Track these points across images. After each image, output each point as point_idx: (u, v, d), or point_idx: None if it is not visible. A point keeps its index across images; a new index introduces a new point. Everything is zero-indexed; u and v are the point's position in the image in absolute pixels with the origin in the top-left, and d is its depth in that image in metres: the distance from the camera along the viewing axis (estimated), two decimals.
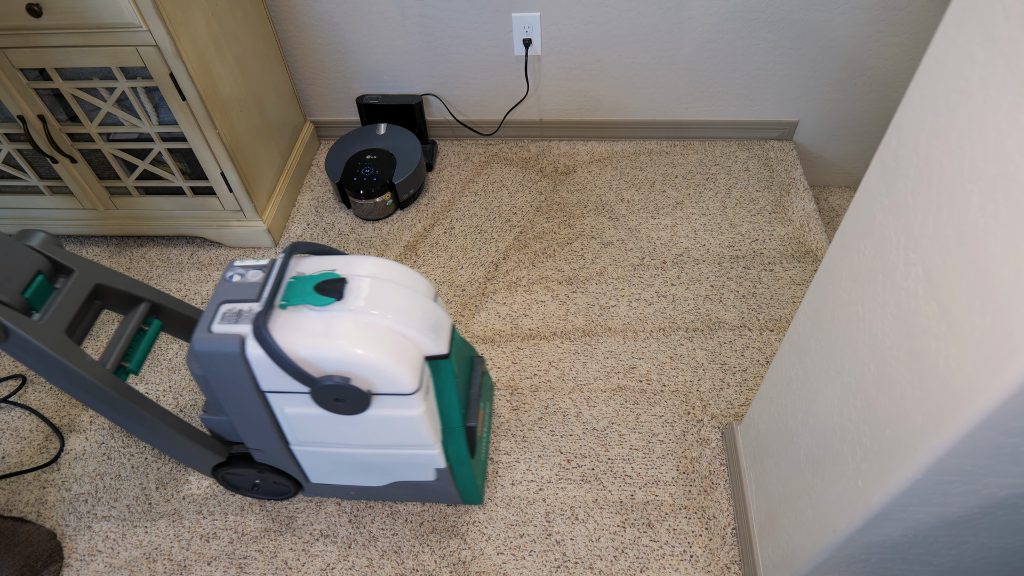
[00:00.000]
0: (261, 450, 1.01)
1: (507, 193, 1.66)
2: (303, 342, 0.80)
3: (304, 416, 0.91)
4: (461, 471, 1.05)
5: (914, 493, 0.59)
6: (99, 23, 1.15)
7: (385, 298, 0.85)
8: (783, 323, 1.36)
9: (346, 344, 0.80)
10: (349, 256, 0.91)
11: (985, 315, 0.47)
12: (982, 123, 0.47)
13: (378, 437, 0.94)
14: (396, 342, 0.83)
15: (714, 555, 1.07)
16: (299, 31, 1.61)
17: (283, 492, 1.14)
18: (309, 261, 0.90)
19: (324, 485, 1.11)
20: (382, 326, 0.83)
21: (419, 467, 1.01)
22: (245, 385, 0.86)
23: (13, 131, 1.38)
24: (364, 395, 0.83)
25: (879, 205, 0.63)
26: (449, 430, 0.98)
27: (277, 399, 0.89)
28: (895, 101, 1.60)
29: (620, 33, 1.53)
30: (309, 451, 1.00)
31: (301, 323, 0.81)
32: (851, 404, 0.69)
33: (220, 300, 0.85)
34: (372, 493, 1.12)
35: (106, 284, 0.95)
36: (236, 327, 0.81)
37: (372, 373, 0.82)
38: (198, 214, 1.53)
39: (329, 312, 0.82)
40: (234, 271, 0.88)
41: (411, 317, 0.85)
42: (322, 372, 0.82)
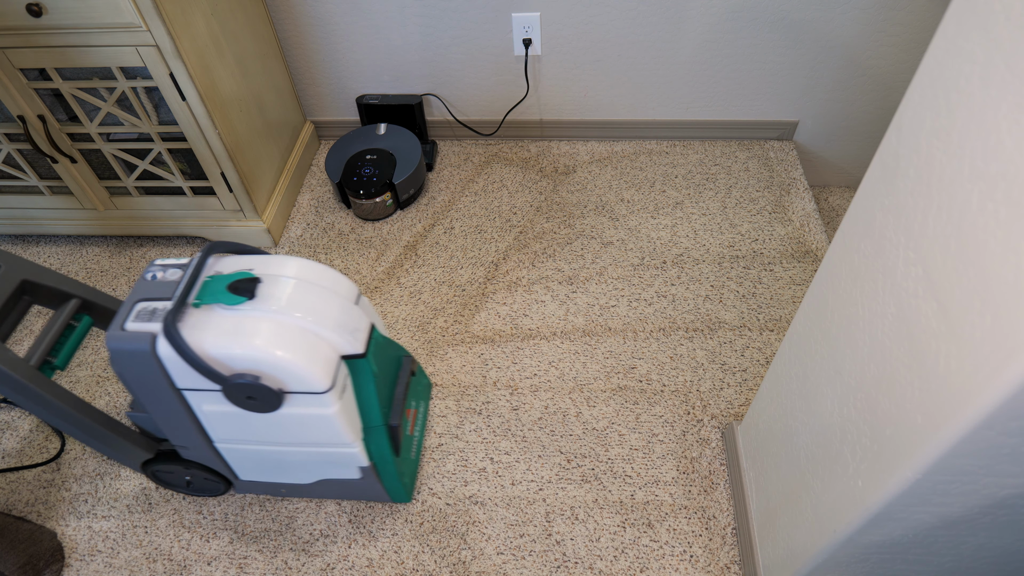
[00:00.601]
0: (186, 447, 1.02)
1: (507, 193, 1.66)
2: (213, 340, 0.81)
3: (222, 414, 0.92)
4: (385, 469, 1.06)
5: (914, 493, 0.59)
6: (99, 23, 1.15)
7: (299, 298, 0.86)
8: (783, 323, 1.36)
9: (255, 343, 0.81)
10: (271, 256, 0.92)
11: (985, 315, 0.47)
12: (982, 123, 0.47)
13: (296, 435, 0.95)
14: (307, 341, 0.84)
15: (714, 555, 1.07)
16: (299, 31, 1.61)
17: (213, 489, 1.14)
18: (229, 260, 0.91)
19: (254, 482, 1.12)
20: (293, 325, 0.84)
21: (342, 465, 1.03)
22: (160, 383, 0.87)
23: (13, 131, 1.38)
24: (275, 393, 0.84)
25: (879, 205, 0.63)
26: (370, 429, 0.99)
27: (194, 397, 0.90)
28: (895, 101, 1.60)
29: (620, 33, 1.53)
30: (233, 448, 1.01)
31: (212, 322, 0.82)
32: (851, 404, 0.69)
33: (136, 298, 0.85)
34: (302, 491, 1.13)
35: (33, 280, 0.95)
36: (148, 325, 0.82)
37: (282, 372, 0.83)
38: (198, 214, 1.53)
39: (240, 311, 0.83)
40: (154, 269, 0.89)
41: (325, 317, 0.86)
42: (232, 371, 0.83)
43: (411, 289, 1.47)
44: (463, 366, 1.33)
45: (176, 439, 1.00)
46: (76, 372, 1.38)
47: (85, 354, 1.41)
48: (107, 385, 1.36)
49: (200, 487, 1.14)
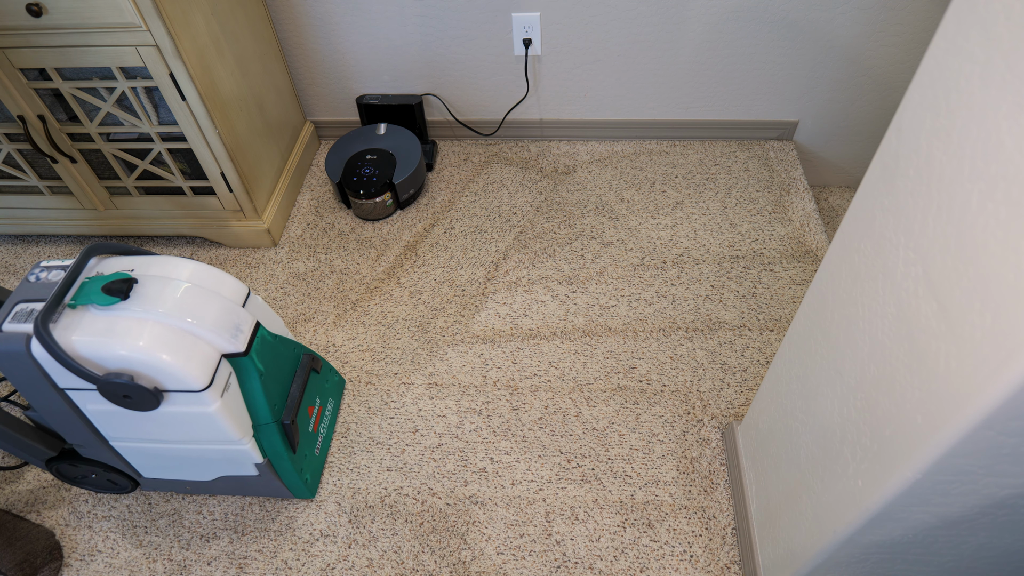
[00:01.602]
0: (83, 446, 1.03)
1: (507, 193, 1.66)
2: (84, 340, 0.82)
3: (107, 413, 0.94)
4: (281, 465, 1.07)
5: (914, 493, 0.59)
6: (99, 23, 1.15)
7: (176, 299, 0.87)
8: (783, 323, 1.36)
9: (126, 342, 0.82)
10: (159, 258, 0.93)
11: (985, 315, 0.47)
12: (982, 123, 0.47)
13: (182, 433, 0.97)
14: (182, 340, 0.85)
15: (714, 555, 1.07)
16: (299, 31, 1.61)
17: (119, 487, 1.15)
18: (113, 261, 0.92)
19: (158, 480, 1.13)
20: (167, 325, 0.85)
21: (237, 462, 1.04)
22: (41, 383, 0.88)
23: (13, 131, 1.38)
24: (151, 392, 0.85)
25: (879, 205, 0.63)
26: (260, 426, 1.01)
27: (78, 396, 0.91)
28: (895, 101, 1.60)
29: (620, 33, 1.53)
30: (128, 447, 1.03)
31: (85, 322, 0.84)
32: (851, 404, 0.69)
33: (17, 299, 0.86)
34: (205, 488, 1.15)
35: None
36: (24, 326, 0.83)
37: (155, 371, 0.84)
38: (198, 214, 1.53)
39: (113, 312, 0.84)
40: (38, 271, 0.90)
41: (202, 317, 0.87)
42: (107, 370, 0.84)
43: (411, 289, 1.47)
44: (463, 366, 1.33)
45: (71, 438, 1.02)
46: None
47: None
48: None
49: (103, 485, 1.15)
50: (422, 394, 1.30)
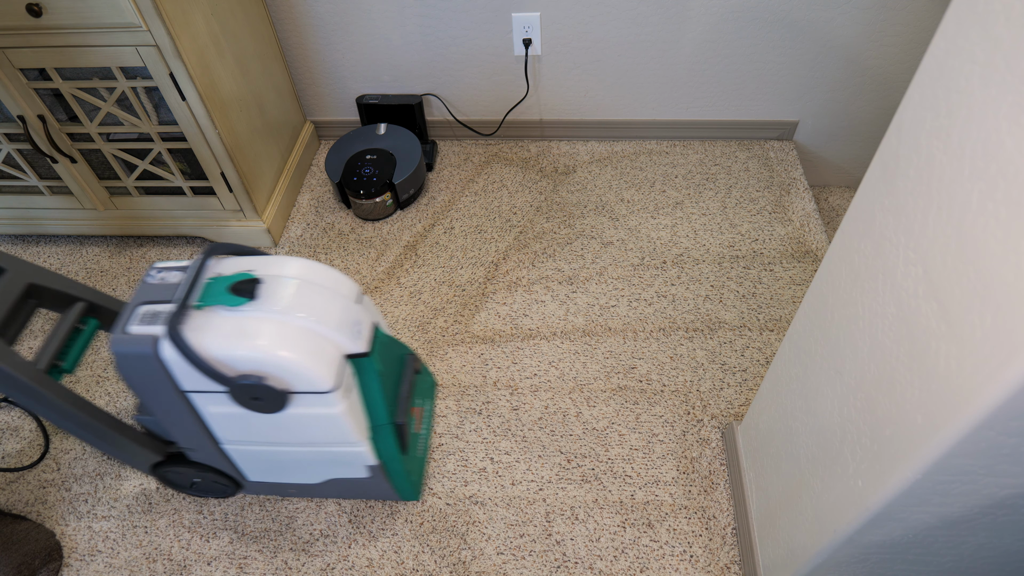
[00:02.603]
0: (194, 449, 1.02)
1: (507, 193, 1.66)
2: (216, 342, 0.81)
3: (228, 415, 0.92)
4: (393, 468, 1.06)
5: (914, 493, 0.59)
6: (99, 23, 1.15)
7: (300, 298, 0.86)
8: (783, 323, 1.36)
9: (258, 343, 0.81)
10: (272, 257, 0.92)
11: (985, 315, 0.47)
12: (982, 123, 0.47)
13: (303, 435, 0.95)
14: (310, 341, 0.84)
15: (714, 555, 1.07)
16: (299, 31, 1.61)
17: (222, 491, 1.14)
18: (230, 262, 0.91)
19: (262, 483, 1.12)
20: (296, 325, 0.84)
21: (350, 464, 1.03)
22: (165, 386, 0.87)
23: (13, 131, 1.38)
24: (280, 394, 0.84)
25: (879, 205, 0.63)
26: (377, 427, 0.99)
27: (200, 399, 0.90)
28: (895, 101, 1.60)
29: (620, 33, 1.53)
30: (241, 450, 1.01)
31: (214, 323, 0.82)
32: (851, 404, 0.69)
33: (139, 302, 0.85)
34: (310, 491, 1.14)
35: (40, 283, 0.95)
36: (151, 328, 0.83)
37: (286, 372, 0.83)
38: (198, 214, 1.53)
39: (242, 312, 0.83)
40: (155, 272, 0.89)
41: (327, 316, 0.86)
42: (237, 372, 0.83)
43: (411, 289, 1.47)
44: (463, 366, 1.33)
45: (183, 441, 1.00)
46: (76, 372, 1.38)
47: (84, 355, 1.41)
48: (107, 385, 1.36)
49: (208, 489, 1.14)
50: None
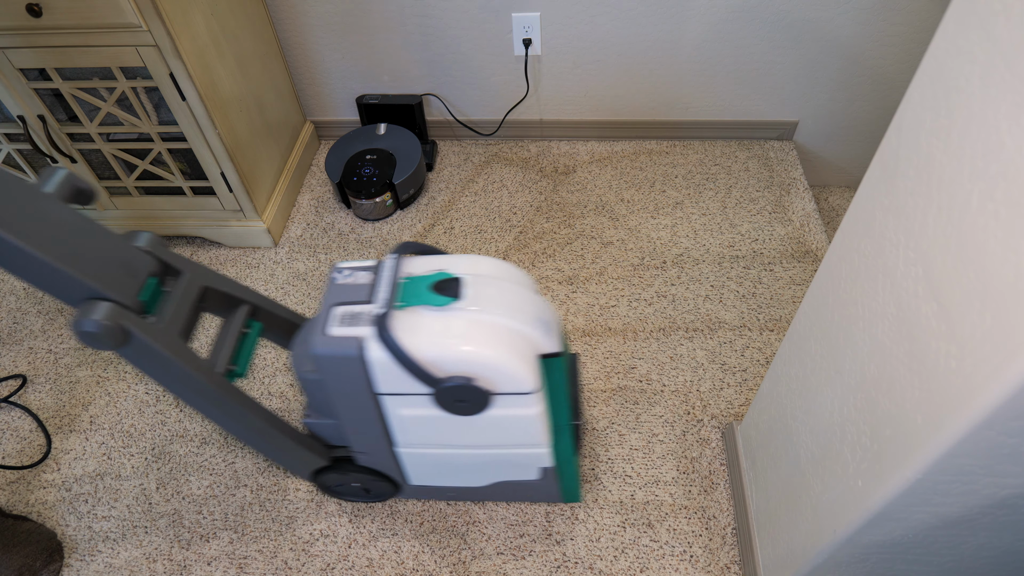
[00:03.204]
0: (366, 453, 1.00)
1: (507, 193, 1.66)
2: (426, 343, 0.79)
3: (418, 418, 0.90)
4: (566, 469, 1.04)
5: (914, 493, 0.59)
6: (99, 23, 1.15)
7: (500, 296, 0.84)
8: (783, 323, 1.36)
9: (469, 344, 0.79)
10: (453, 256, 0.90)
11: (985, 315, 0.47)
12: (982, 123, 0.47)
13: (492, 437, 0.93)
14: (515, 341, 0.82)
15: (714, 555, 1.07)
16: (299, 31, 1.61)
17: (382, 494, 1.13)
18: (414, 262, 0.89)
19: (422, 487, 1.10)
20: (501, 325, 0.82)
21: (525, 466, 1.00)
22: (361, 388, 0.85)
23: (13, 131, 1.38)
24: (486, 395, 0.82)
25: (879, 205, 0.63)
26: (558, 428, 0.97)
27: (392, 401, 0.88)
28: (895, 101, 1.60)
29: (620, 33, 1.53)
30: (415, 453, 0.99)
31: (421, 324, 0.80)
32: (851, 404, 0.69)
33: (332, 302, 0.84)
34: (470, 494, 1.11)
35: (212, 286, 0.94)
36: (355, 329, 0.81)
37: (495, 373, 0.81)
38: (198, 214, 1.53)
39: (448, 312, 0.81)
40: (341, 273, 0.87)
41: (527, 315, 0.84)
42: (445, 373, 0.81)
43: None
44: None
45: (359, 445, 0.99)
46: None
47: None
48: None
49: (368, 493, 1.12)
50: None
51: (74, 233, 0.78)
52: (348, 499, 1.16)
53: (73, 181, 0.83)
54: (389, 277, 0.85)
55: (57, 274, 0.75)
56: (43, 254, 0.73)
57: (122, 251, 0.83)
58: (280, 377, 1.34)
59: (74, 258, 0.76)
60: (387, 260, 0.87)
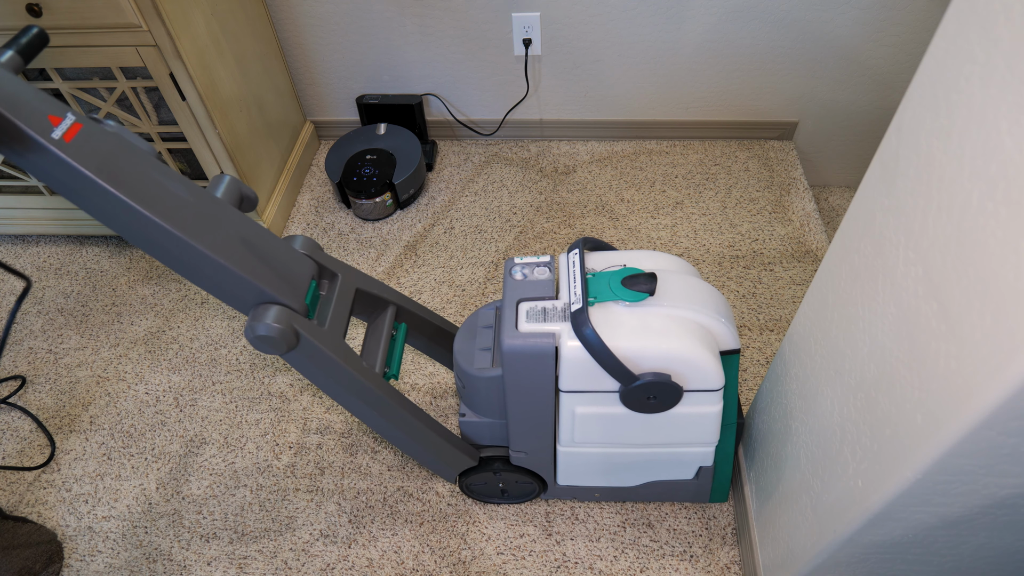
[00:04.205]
0: (524, 452, 0.99)
1: (507, 193, 1.66)
2: (624, 339, 0.78)
3: (595, 416, 0.89)
4: (723, 468, 1.03)
5: (914, 493, 0.59)
6: (99, 23, 1.15)
7: (690, 292, 0.83)
8: (783, 323, 1.36)
9: (669, 340, 0.78)
10: (628, 251, 0.90)
11: (985, 315, 0.47)
12: (982, 123, 0.47)
13: (665, 436, 0.92)
14: (706, 337, 0.81)
15: (714, 555, 1.07)
16: (299, 31, 1.61)
17: (529, 494, 1.12)
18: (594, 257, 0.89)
19: (569, 487, 1.09)
20: (694, 321, 0.81)
21: (687, 465, 1.00)
22: (545, 384, 0.85)
23: None
24: (678, 392, 0.82)
25: (879, 205, 0.63)
26: (726, 426, 0.96)
27: (571, 399, 0.87)
28: (895, 101, 1.60)
29: (620, 33, 1.53)
30: (575, 452, 0.98)
31: (617, 319, 0.80)
32: (851, 404, 0.69)
33: (516, 299, 0.83)
34: (619, 494, 1.10)
35: (363, 288, 0.94)
36: (547, 325, 0.80)
37: (690, 369, 0.80)
38: None
39: (642, 308, 0.81)
40: (517, 268, 0.87)
41: (712, 309, 0.83)
42: (640, 369, 0.80)
43: (411, 289, 1.47)
44: None
45: (521, 443, 0.98)
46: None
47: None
48: None
49: (515, 494, 1.11)
50: (425, 394, 1.30)
51: (245, 238, 0.79)
52: (490, 500, 1.14)
53: (239, 186, 0.84)
54: (578, 272, 0.83)
55: (235, 279, 0.76)
56: (224, 260, 0.74)
57: (286, 255, 0.84)
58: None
59: (249, 263, 0.77)
60: (566, 255, 0.86)
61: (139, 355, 1.40)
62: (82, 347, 1.42)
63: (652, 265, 0.88)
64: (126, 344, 1.42)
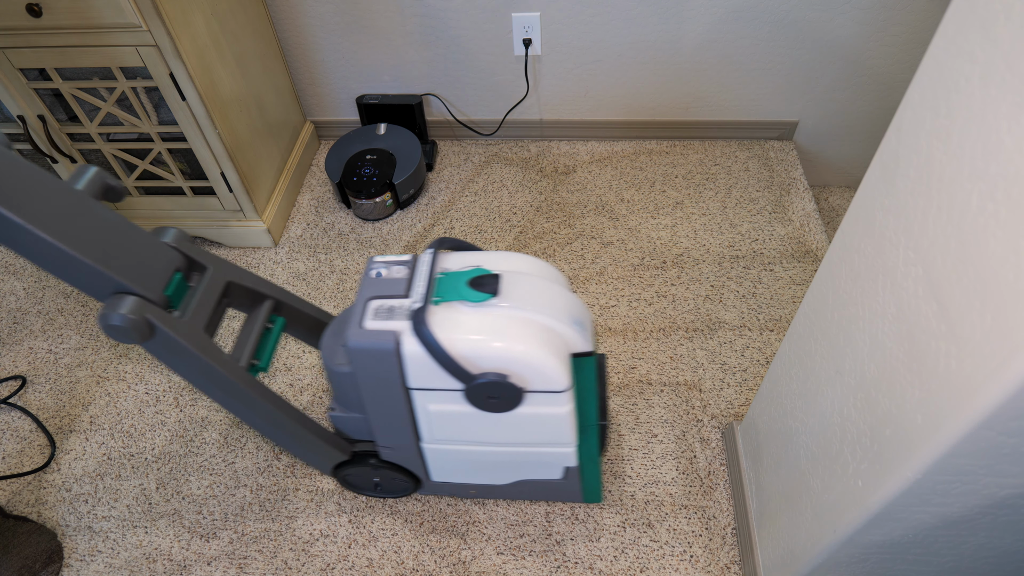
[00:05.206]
0: (391, 448, 1.00)
1: (507, 193, 1.66)
2: (462, 338, 0.79)
3: (447, 414, 0.90)
4: (590, 469, 1.04)
5: (914, 493, 0.59)
6: (99, 23, 1.15)
7: (536, 294, 0.84)
8: (783, 323, 1.36)
9: (506, 340, 0.79)
10: (489, 252, 0.90)
11: (985, 315, 0.47)
12: (982, 123, 0.47)
13: (519, 435, 0.93)
14: (550, 339, 0.82)
15: (714, 555, 1.07)
16: (299, 31, 1.61)
17: (403, 490, 1.13)
18: (450, 257, 0.89)
19: (444, 483, 1.10)
20: (537, 322, 0.81)
21: (550, 465, 1.00)
22: (393, 382, 0.85)
23: (13, 131, 1.38)
24: (519, 392, 0.82)
25: (879, 205, 0.63)
26: (585, 428, 0.97)
27: (422, 396, 0.88)
28: (895, 101, 1.60)
29: (620, 33, 1.53)
30: (440, 449, 0.99)
31: (458, 319, 0.80)
32: (851, 404, 0.69)
33: (368, 296, 0.84)
34: (493, 492, 1.11)
35: (236, 281, 0.94)
36: (390, 323, 0.81)
37: (529, 370, 0.81)
38: (198, 214, 1.53)
39: (484, 308, 0.81)
40: (376, 267, 0.87)
41: (563, 314, 0.83)
42: (479, 369, 0.81)
43: None
44: None
45: (384, 439, 0.99)
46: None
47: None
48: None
49: (389, 489, 1.13)
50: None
51: (103, 229, 0.79)
52: (367, 494, 1.16)
53: (103, 178, 0.84)
54: (426, 272, 0.84)
55: (85, 269, 0.76)
56: (72, 249, 0.74)
57: (148, 247, 0.84)
58: (291, 375, 1.34)
59: (102, 253, 0.77)
60: (424, 255, 0.87)
61: (139, 355, 1.40)
62: (82, 347, 1.42)
63: (511, 268, 0.87)
64: (126, 344, 1.42)
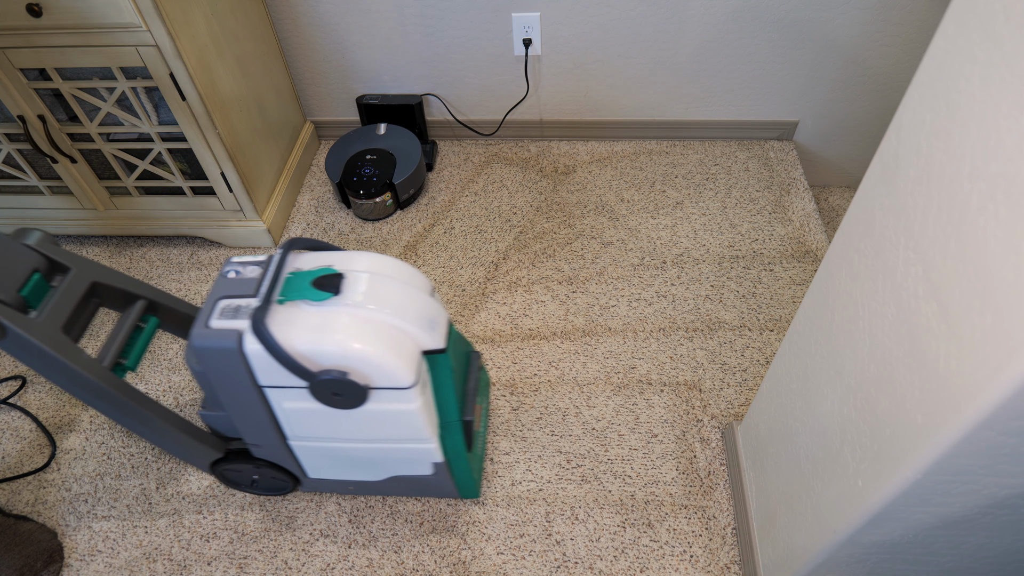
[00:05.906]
0: (259, 445, 1.02)
1: (507, 193, 1.66)
2: (300, 337, 0.80)
3: (302, 411, 0.92)
4: (458, 465, 1.05)
5: (914, 493, 0.59)
6: (99, 23, 1.15)
7: (382, 293, 0.85)
8: (783, 323, 1.36)
9: (343, 338, 0.80)
10: (347, 252, 0.91)
11: (985, 315, 0.47)
12: (982, 123, 0.47)
13: (375, 431, 0.94)
14: (393, 336, 0.83)
15: (714, 555, 1.07)
16: (299, 31, 1.61)
17: (281, 488, 1.14)
18: (307, 257, 0.90)
19: (322, 480, 1.11)
20: (379, 320, 0.83)
21: (416, 461, 1.02)
22: (243, 380, 0.86)
23: (13, 131, 1.38)
24: (362, 389, 0.84)
25: (879, 205, 0.63)
26: (446, 424, 0.99)
27: (275, 394, 0.89)
28: (895, 101, 1.60)
29: (620, 33, 1.53)
30: (307, 446, 1.01)
31: (298, 318, 0.82)
32: (851, 404, 0.69)
33: (218, 296, 0.85)
34: (370, 488, 1.13)
35: (103, 282, 0.96)
36: (234, 322, 0.82)
37: (370, 367, 0.82)
38: (198, 214, 1.53)
39: (326, 307, 0.83)
40: (232, 267, 0.88)
41: (408, 312, 0.85)
42: (320, 367, 0.82)
43: None
44: None
45: (250, 437, 1.00)
46: None
47: None
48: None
49: (266, 486, 1.14)
50: None
51: None
52: (253, 492, 1.17)
53: None
54: (274, 272, 0.86)
55: None
56: None
57: (4, 248, 0.86)
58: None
59: None
60: (276, 255, 0.88)
61: None
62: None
63: (363, 268, 0.88)
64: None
